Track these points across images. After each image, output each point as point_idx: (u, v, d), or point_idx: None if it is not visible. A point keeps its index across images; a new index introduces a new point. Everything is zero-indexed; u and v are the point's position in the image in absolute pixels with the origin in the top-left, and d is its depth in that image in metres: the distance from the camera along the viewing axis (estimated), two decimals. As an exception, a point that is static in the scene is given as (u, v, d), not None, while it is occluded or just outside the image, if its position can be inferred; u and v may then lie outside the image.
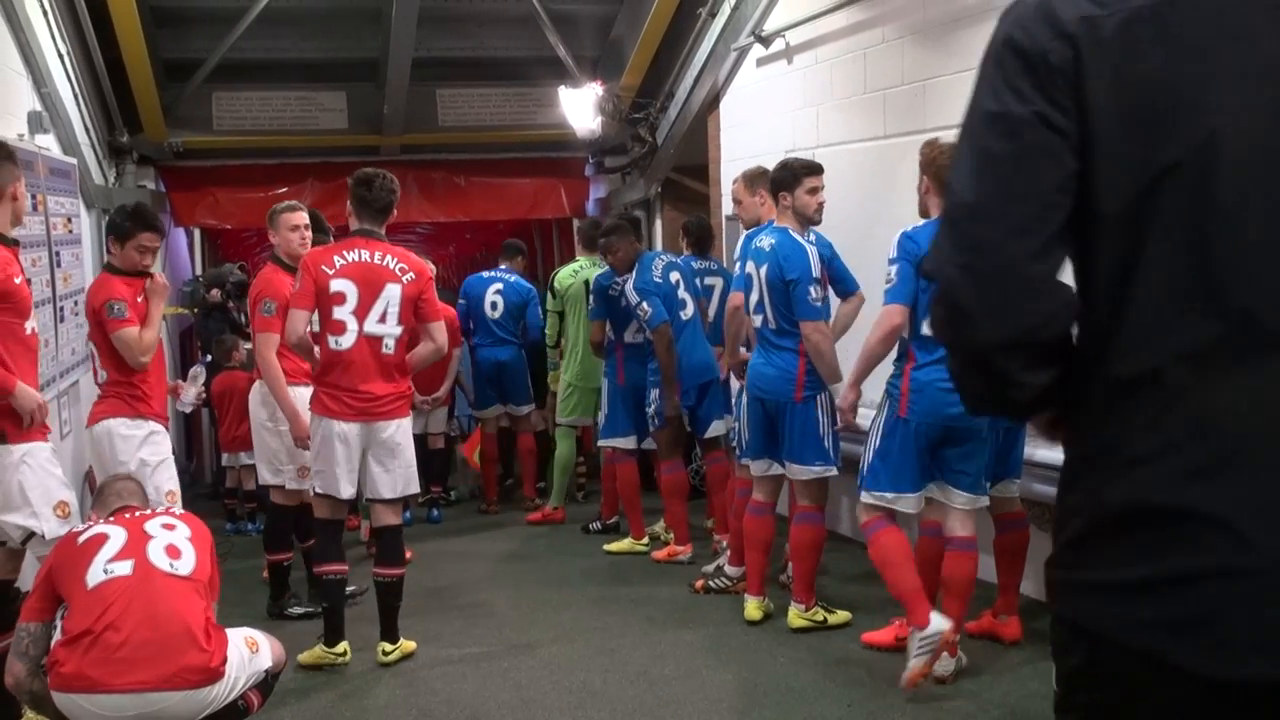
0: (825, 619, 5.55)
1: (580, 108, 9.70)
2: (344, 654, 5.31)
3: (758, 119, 8.45)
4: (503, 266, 8.96)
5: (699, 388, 6.74)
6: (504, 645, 5.62)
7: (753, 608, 5.70)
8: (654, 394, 6.78)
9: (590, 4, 9.88)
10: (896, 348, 4.86)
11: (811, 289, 5.38)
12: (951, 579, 4.85)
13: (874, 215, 6.71)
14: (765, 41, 8.16)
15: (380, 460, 5.34)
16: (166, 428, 5.54)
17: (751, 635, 5.57)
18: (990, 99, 1.55)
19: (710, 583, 6.23)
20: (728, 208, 7.97)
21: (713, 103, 9.12)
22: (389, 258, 5.28)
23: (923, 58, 6.52)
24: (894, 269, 4.68)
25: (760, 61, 8.36)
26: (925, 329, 4.65)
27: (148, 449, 5.29)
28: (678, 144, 9.74)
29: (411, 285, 5.27)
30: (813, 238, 5.58)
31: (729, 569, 6.20)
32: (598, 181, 11.15)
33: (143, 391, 5.33)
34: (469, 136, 10.58)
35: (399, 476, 5.40)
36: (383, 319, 5.23)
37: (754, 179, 6.16)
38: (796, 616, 5.55)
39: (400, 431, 5.38)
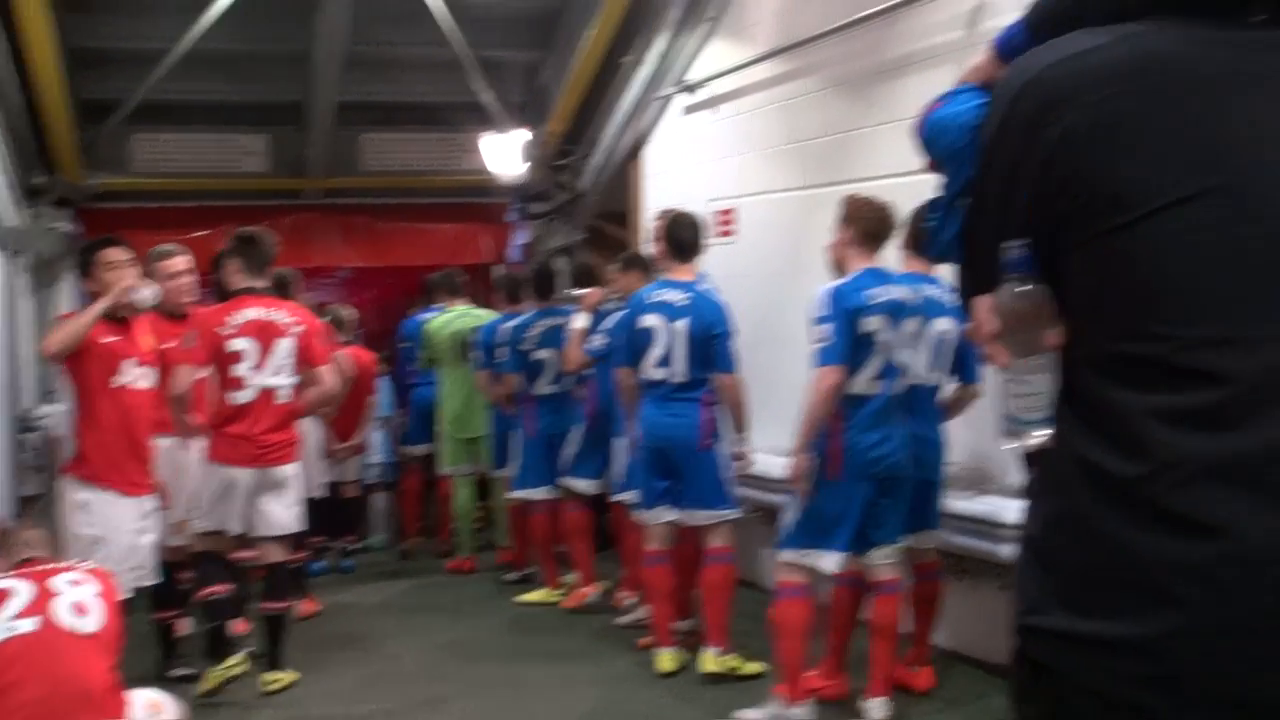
0: (739, 667, 5.46)
1: (505, 153, 9.65)
2: (240, 663, 5.34)
3: (681, 167, 8.46)
4: (438, 305, 8.84)
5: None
6: (411, 701, 5.45)
7: (665, 659, 5.59)
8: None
9: (517, 50, 9.85)
10: None
11: (733, 342, 5.47)
12: (877, 623, 4.83)
13: (795, 264, 6.72)
14: (690, 91, 8.19)
15: (269, 501, 5.53)
16: (127, 491, 5.16)
17: (664, 687, 5.46)
18: None
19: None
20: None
21: (637, 150, 9.13)
22: (279, 312, 5.60)
23: (845, 110, 6.57)
24: (828, 328, 4.56)
25: (686, 110, 8.39)
26: (854, 387, 4.61)
27: (78, 518, 5.05)
28: (602, 191, 9.75)
29: (301, 336, 5.59)
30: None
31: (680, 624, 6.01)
32: (521, 227, 11.09)
33: (79, 447, 5.20)
34: (392, 181, 10.47)
35: (285, 515, 5.60)
36: (277, 371, 5.52)
37: None
38: (710, 660, 5.45)
39: (290, 474, 5.60)
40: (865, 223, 4.68)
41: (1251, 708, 1.43)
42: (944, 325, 4.89)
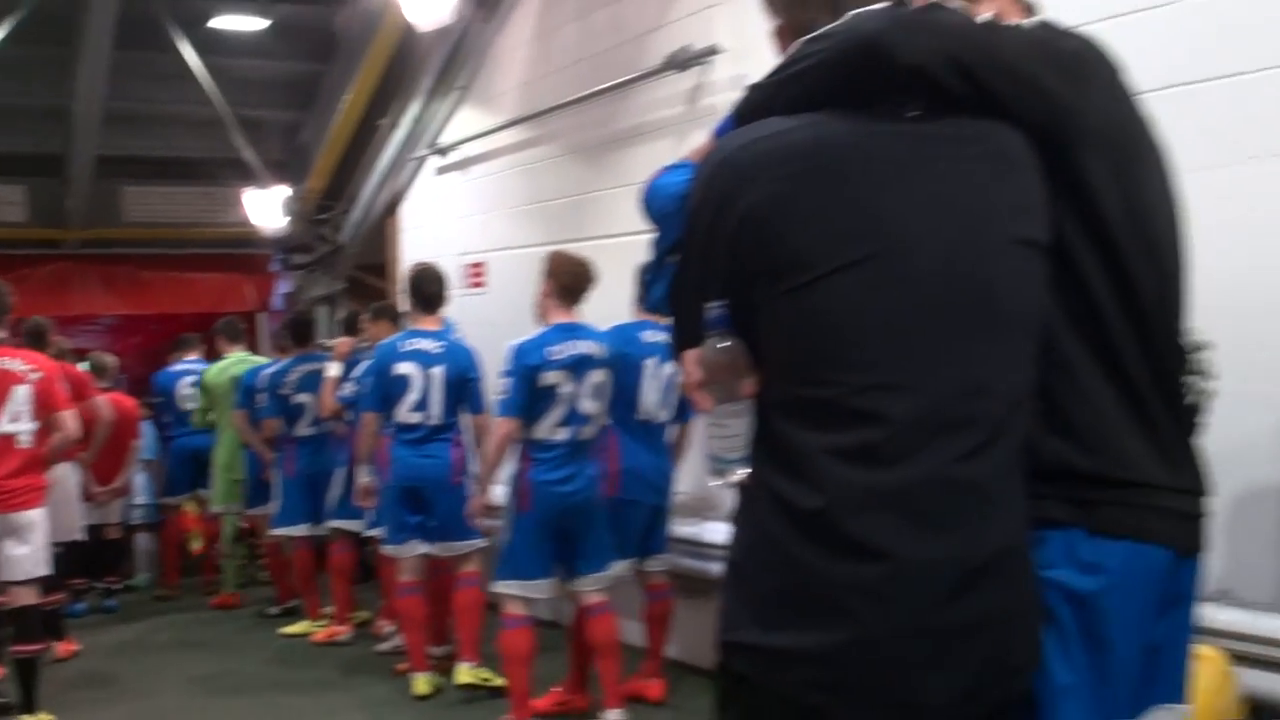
0: (490, 678, 5.42)
1: (267, 208, 9.44)
2: None
3: (435, 223, 8.46)
4: (191, 358, 8.51)
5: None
6: (171, 736, 5.23)
7: (421, 683, 5.52)
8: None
9: (277, 110, 9.67)
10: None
11: (483, 385, 5.49)
12: (596, 642, 4.88)
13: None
14: (443, 153, 8.21)
15: (13, 546, 5.23)
16: None
17: (419, 709, 5.38)
18: None
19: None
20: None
21: (393, 207, 9.07)
22: (14, 361, 5.32)
23: (581, 174, 6.72)
24: (508, 382, 4.64)
25: (439, 171, 8.39)
26: (539, 433, 4.68)
27: None
28: (361, 244, 9.62)
29: (39, 383, 5.31)
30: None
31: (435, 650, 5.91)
32: (284, 277, 10.82)
33: None
34: (155, 232, 10.07)
35: (30, 559, 5.29)
36: (15, 418, 5.25)
37: None
38: (464, 673, 5.43)
39: (34, 519, 5.29)
40: (562, 278, 4.78)
41: (909, 707, 1.56)
42: (672, 368, 5.03)
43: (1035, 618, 1.68)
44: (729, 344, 1.61)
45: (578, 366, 4.70)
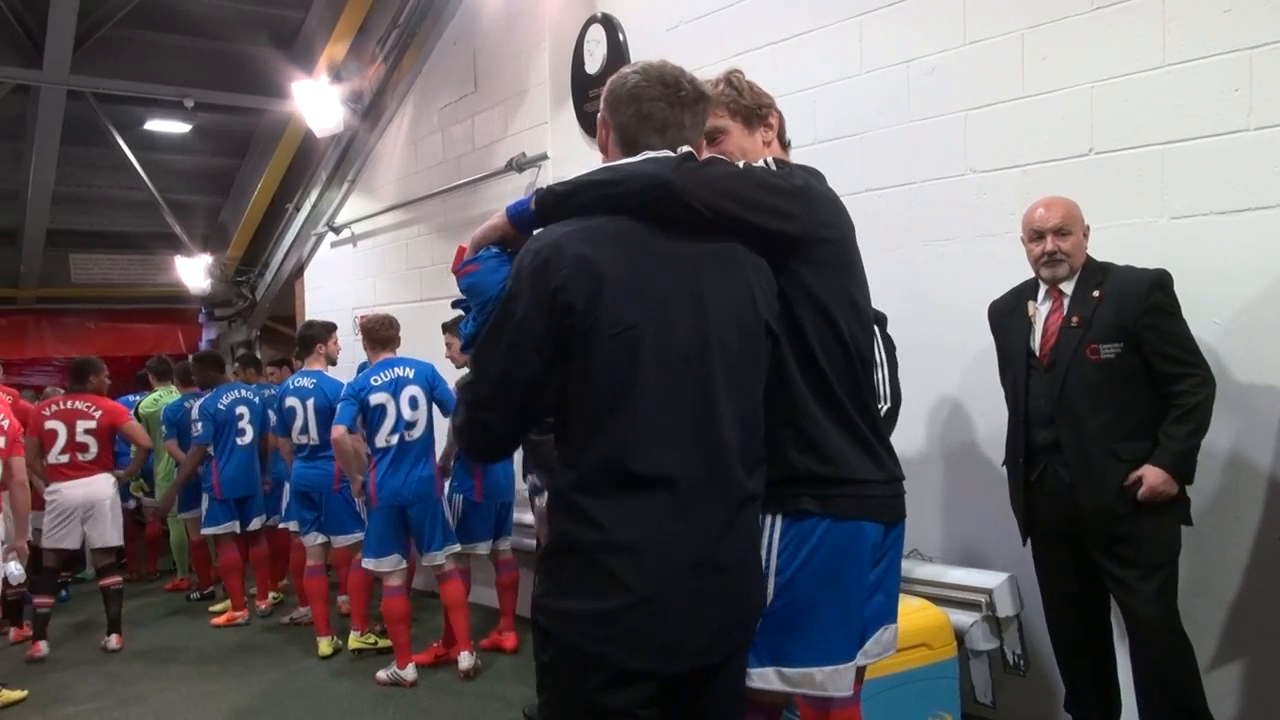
0: (376, 642, 5.28)
1: (193, 272, 8.99)
2: None
3: (332, 284, 8.21)
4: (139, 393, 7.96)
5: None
6: (117, 698, 4.83)
7: (324, 645, 5.33)
8: None
9: (201, 195, 9.22)
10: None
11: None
12: (447, 601, 4.80)
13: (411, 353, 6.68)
14: (336, 230, 8.00)
15: None
16: None
17: (324, 666, 5.18)
18: None
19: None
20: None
21: (299, 271, 8.77)
22: None
23: (444, 248, 6.64)
24: (341, 405, 4.64)
25: (334, 244, 8.16)
26: (378, 442, 4.62)
27: None
28: (273, 300, 9.26)
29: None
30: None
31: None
32: (209, 326, 10.33)
33: None
34: (99, 291, 9.46)
35: None
36: None
37: None
38: (355, 640, 5.27)
39: None
40: (372, 332, 4.81)
41: (672, 650, 1.61)
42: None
43: (761, 585, 1.77)
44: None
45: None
